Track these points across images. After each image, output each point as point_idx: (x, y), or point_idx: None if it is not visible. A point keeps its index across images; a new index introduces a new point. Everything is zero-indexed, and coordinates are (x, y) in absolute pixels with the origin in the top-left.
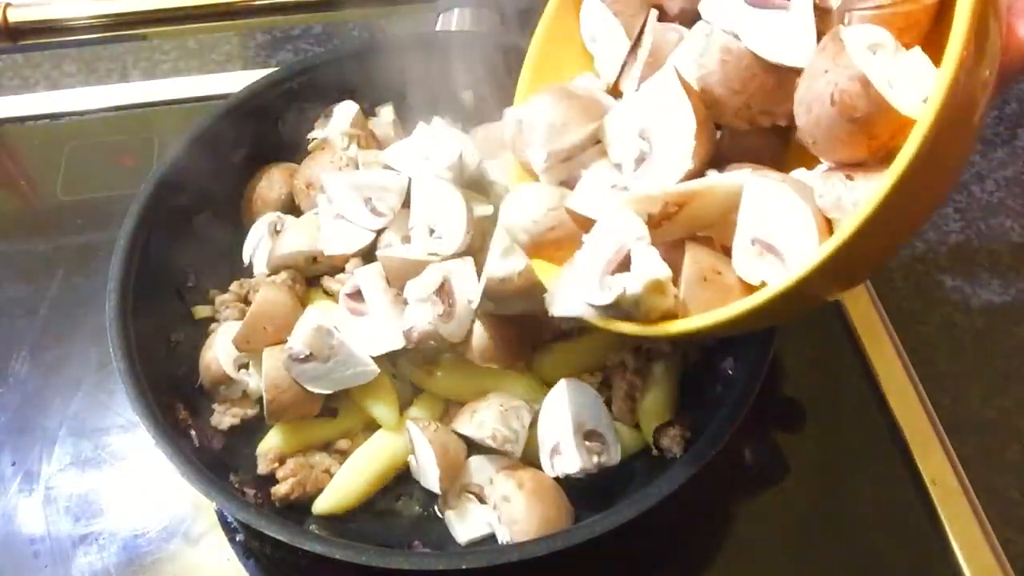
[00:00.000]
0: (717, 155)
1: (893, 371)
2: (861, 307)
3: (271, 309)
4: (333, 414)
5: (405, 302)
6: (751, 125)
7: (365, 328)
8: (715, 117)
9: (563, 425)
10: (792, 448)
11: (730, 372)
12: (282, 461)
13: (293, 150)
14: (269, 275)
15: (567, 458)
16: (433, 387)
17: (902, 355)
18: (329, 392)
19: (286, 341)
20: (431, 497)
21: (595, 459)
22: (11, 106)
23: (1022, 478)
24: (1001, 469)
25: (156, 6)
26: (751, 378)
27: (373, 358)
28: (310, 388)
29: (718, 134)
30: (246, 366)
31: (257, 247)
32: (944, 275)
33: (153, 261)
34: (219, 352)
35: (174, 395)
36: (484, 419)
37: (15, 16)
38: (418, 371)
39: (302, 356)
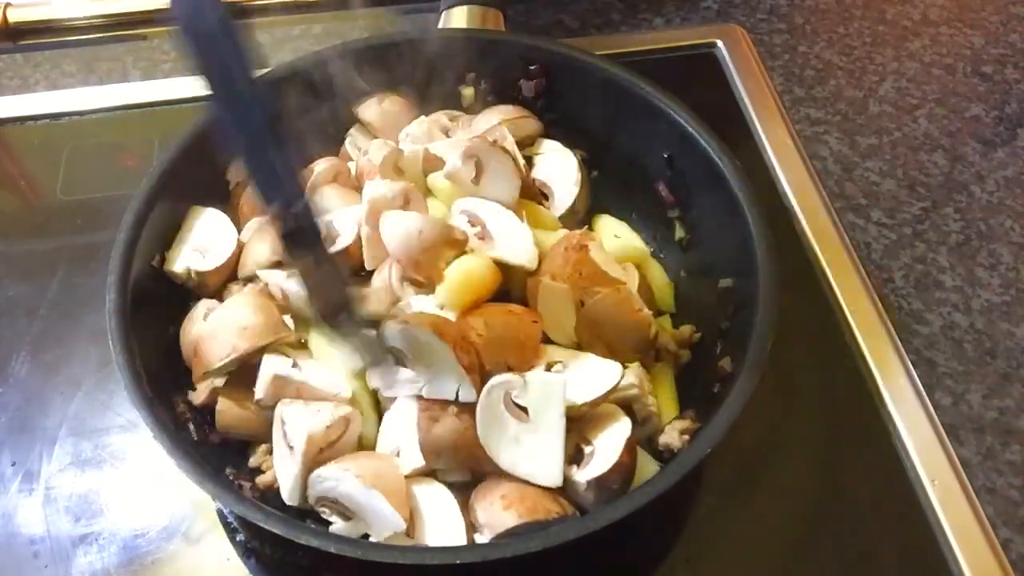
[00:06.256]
0: None
1: (893, 371)
2: (861, 307)
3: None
4: None
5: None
6: None
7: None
8: None
9: None
10: (790, 447)
11: (728, 371)
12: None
13: None
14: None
15: None
16: None
17: (902, 355)
18: None
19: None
20: None
21: None
22: (11, 106)
23: (1022, 478)
24: (1001, 469)
25: (156, 6)
26: (749, 377)
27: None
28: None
29: None
30: None
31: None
32: (944, 275)
33: (153, 260)
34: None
35: (173, 389)
36: None
37: (15, 16)
38: None
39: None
